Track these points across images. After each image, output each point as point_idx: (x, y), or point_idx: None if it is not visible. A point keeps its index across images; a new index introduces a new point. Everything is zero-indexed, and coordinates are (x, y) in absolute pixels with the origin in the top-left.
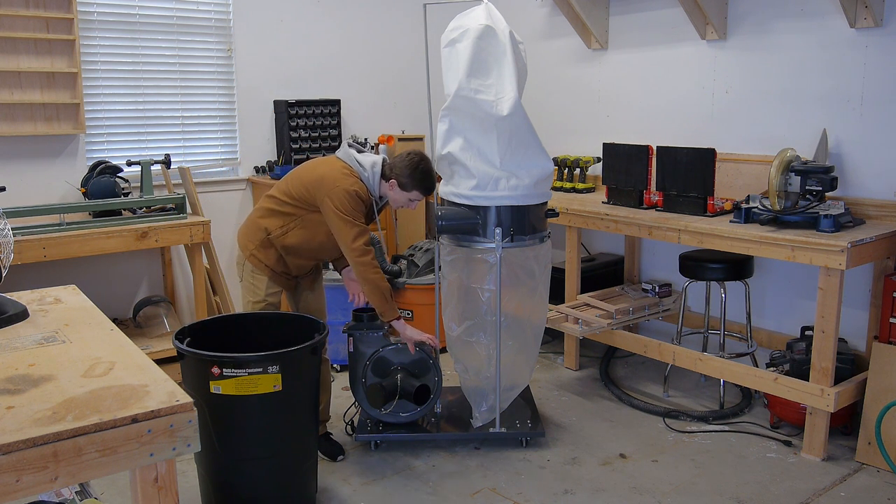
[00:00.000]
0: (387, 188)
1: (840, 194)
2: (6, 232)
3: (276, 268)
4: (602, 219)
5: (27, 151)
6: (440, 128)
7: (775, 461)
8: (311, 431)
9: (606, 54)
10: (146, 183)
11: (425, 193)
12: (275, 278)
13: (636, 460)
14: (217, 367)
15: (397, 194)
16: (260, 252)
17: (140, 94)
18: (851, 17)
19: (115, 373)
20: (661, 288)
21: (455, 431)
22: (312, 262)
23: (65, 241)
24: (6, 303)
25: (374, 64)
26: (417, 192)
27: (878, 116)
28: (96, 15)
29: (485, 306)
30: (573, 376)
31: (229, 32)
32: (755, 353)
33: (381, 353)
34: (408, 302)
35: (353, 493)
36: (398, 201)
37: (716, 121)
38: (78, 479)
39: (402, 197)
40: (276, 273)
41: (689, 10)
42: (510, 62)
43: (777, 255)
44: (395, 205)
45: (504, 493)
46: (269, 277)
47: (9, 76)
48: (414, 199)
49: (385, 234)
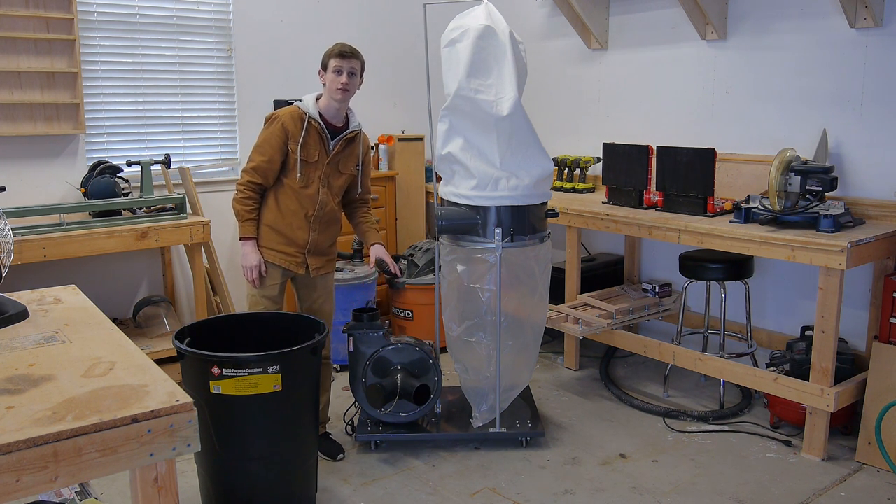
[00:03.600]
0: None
1: (840, 194)
2: (6, 232)
3: (269, 244)
4: (602, 219)
5: (27, 151)
6: (440, 128)
7: (775, 461)
8: (311, 431)
9: (606, 54)
10: (146, 183)
11: (339, 55)
12: (270, 256)
13: (636, 460)
14: (217, 367)
15: (327, 81)
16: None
17: (140, 94)
18: (851, 17)
19: (115, 373)
20: (661, 288)
21: (455, 431)
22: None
23: (65, 241)
24: (6, 303)
25: (374, 64)
26: (333, 60)
27: (878, 116)
28: (96, 15)
29: (485, 306)
30: (573, 376)
31: (229, 32)
32: (755, 353)
33: (381, 353)
34: (408, 302)
35: (353, 493)
36: (331, 85)
37: (716, 121)
38: (78, 479)
39: (329, 77)
40: (269, 250)
41: (689, 10)
42: (510, 62)
43: (777, 255)
44: (333, 91)
45: (504, 493)
46: (268, 259)
47: (9, 76)
48: (337, 70)
49: (385, 234)
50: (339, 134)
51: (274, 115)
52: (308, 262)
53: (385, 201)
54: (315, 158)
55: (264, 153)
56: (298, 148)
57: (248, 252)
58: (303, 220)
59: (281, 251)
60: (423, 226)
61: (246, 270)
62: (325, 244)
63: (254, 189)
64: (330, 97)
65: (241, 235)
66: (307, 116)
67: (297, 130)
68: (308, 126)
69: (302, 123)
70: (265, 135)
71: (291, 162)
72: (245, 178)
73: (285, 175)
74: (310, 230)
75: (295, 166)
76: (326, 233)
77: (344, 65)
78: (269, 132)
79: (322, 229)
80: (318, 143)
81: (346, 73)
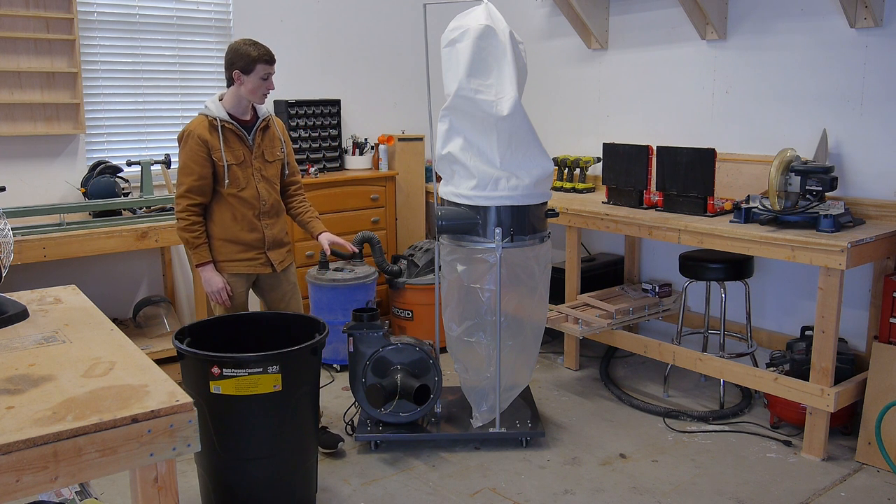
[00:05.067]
0: (241, 92)
1: (840, 194)
2: (6, 232)
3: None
4: (602, 219)
5: (27, 151)
6: (440, 128)
7: (775, 461)
8: (311, 431)
9: (606, 54)
10: (146, 183)
11: (268, 61)
12: (228, 268)
13: (636, 460)
14: (217, 367)
15: (248, 84)
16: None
17: (140, 94)
18: (851, 17)
19: (115, 373)
20: (661, 288)
21: (455, 431)
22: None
23: (65, 241)
24: (6, 303)
25: (374, 64)
26: (261, 65)
27: (878, 116)
28: (96, 15)
29: (485, 306)
30: (573, 376)
31: (229, 32)
32: (755, 353)
33: (381, 353)
34: (408, 302)
35: (353, 493)
36: (255, 90)
37: (716, 121)
38: (78, 479)
39: (253, 81)
40: (228, 262)
41: (689, 10)
42: (510, 62)
43: (777, 255)
44: (257, 96)
45: (504, 493)
46: (228, 272)
47: (9, 76)
48: (265, 76)
49: (385, 234)
50: (251, 126)
51: (185, 131)
52: (271, 259)
53: (385, 201)
54: (242, 159)
55: (192, 172)
56: (223, 155)
57: (209, 277)
58: (253, 221)
59: (242, 259)
60: (423, 226)
61: (213, 296)
62: (280, 236)
63: (195, 212)
64: (249, 98)
65: (197, 263)
66: (218, 121)
67: (215, 139)
68: (223, 130)
69: (216, 130)
70: (185, 154)
71: (220, 171)
72: (183, 203)
73: (220, 185)
74: (262, 228)
75: (225, 174)
76: (277, 225)
77: (272, 71)
78: (188, 150)
79: (272, 223)
80: (238, 142)
81: (272, 78)
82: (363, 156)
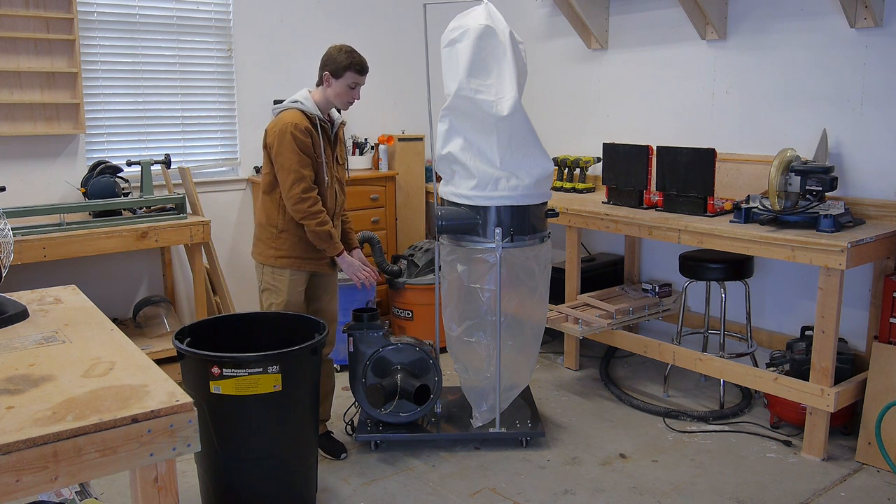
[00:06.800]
0: (328, 94)
1: (840, 194)
2: (6, 232)
3: (299, 252)
4: (602, 219)
5: (27, 151)
6: (440, 128)
7: (775, 461)
8: (311, 431)
9: (606, 54)
10: (146, 183)
11: (359, 71)
12: (301, 265)
13: (636, 460)
14: (217, 367)
15: (335, 88)
16: (277, 250)
17: (140, 94)
18: (851, 17)
19: (115, 373)
20: (661, 288)
21: (455, 431)
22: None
23: (65, 241)
24: (6, 303)
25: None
26: (350, 73)
27: (878, 116)
28: (96, 15)
29: (485, 306)
30: (573, 376)
31: (229, 32)
32: (755, 353)
33: (381, 353)
34: (408, 302)
35: (353, 493)
36: (341, 96)
37: (716, 121)
38: (78, 479)
39: (341, 87)
40: (302, 259)
41: (689, 10)
42: (510, 62)
43: (777, 255)
44: (340, 102)
45: (504, 493)
46: (295, 268)
47: (9, 76)
48: (353, 84)
49: (385, 234)
50: (332, 127)
51: (284, 125)
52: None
53: (385, 201)
54: (328, 157)
55: (307, 164)
56: (322, 151)
57: (351, 262)
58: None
59: (311, 257)
60: (423, 226)
61: (363, 278)
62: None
63: (320, 201)
64: (334, 102)
65: (338, 253)
66: (316, 118)
67: (316, 133)
68: (320, 126)
69: (315, 126)
70: (296, 146)
71: (318, 167)
72: (313, 195)
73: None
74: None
75: (323, 170)
76: (338, 227)
77: (361, 81)
78: (299, 142)
79: (337, 224)
80: (325, 141)
81: (359, 88)
82: (363, 156)
